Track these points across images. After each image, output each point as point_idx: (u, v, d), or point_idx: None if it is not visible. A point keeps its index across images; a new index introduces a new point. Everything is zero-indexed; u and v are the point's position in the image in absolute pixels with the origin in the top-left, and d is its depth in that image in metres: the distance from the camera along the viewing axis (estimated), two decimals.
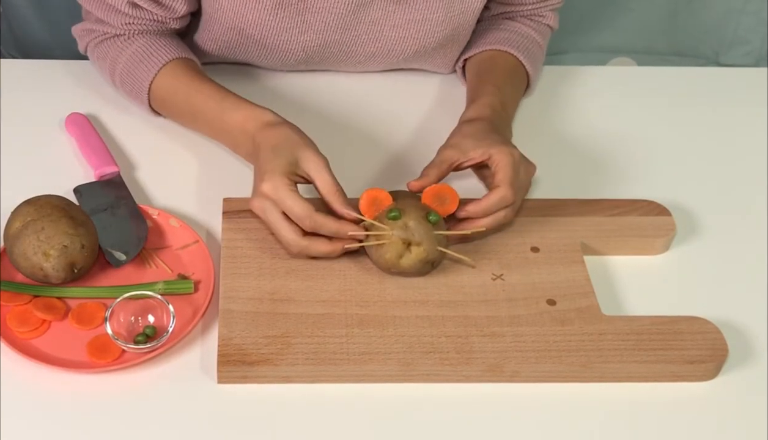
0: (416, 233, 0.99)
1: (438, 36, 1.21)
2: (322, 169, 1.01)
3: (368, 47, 1.22)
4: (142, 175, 1.15)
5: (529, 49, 1.24)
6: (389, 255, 1.00)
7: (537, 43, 1.26)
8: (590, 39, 1.72)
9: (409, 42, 1.21)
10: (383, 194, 1.02)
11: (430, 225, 1.00)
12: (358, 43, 1.22)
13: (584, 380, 0.96)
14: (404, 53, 1.23)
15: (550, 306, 1.00)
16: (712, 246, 1.11)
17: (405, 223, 0.99)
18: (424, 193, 1.03)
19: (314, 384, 0.94)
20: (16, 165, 1.14)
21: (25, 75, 1.28)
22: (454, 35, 1.22)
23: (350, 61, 1.25)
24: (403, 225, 0.99)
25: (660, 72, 1.39)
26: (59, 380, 0.93)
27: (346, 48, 1.22)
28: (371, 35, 1.21)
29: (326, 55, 1.24)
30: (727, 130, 1.28)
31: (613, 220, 1.09)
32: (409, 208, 1.01)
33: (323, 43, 1.20)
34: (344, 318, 0.98)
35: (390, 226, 1.00)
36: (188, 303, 0.99)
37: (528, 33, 1.26)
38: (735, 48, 1.73)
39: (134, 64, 1.16)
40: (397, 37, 1.21)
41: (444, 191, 1.03)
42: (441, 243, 1.01)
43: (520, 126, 1.23)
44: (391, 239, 0.99)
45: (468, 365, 0.95)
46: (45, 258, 0.96)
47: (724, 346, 0.97)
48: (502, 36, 1.25)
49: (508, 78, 1.22)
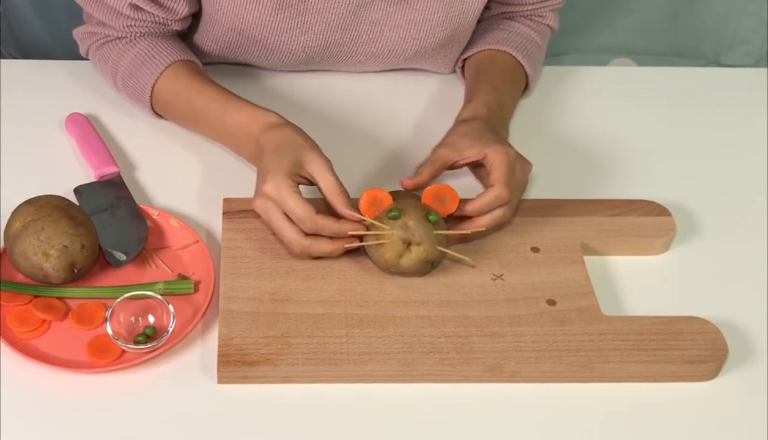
0: (416, 233, 0.99)
1: (438, 36, 1.21)
2: (325, 171, 1.01)
3: (369, 47, 1.22)
4: (142, 175, 1.15)
5: (527, 49, 1.24)
6: (389, 254, 1.00)
7: (536, 43, 1.26)
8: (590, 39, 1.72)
9: (410, 42, 1.21)
10: (383, 194, 1.02)
11: (430, 225, 1.00)
12: (358, 43, 1.22)
13: (584, 380, 0.96)
14: (405, 53, 1.23)
15: (550, 306, 1.00)
16: (712, 246, 1.11)
17: (405, 223, 1.00)
18: (424, 193, 1.03)
19: (314, 384, 0.94)
20: (17, 165, 1.14)
21: (25, 75, 1.28)
22: (455, 35, 1.22)
23: (351, 61, 1.25)
24: (403, 225, 0.99)
25: (660, 72, 1.39)
26: (59, 380, 0.93)
27: (347, 48, 1.22)
28: (372, 36, 1.21)
29: (327, 56, 1.24)
30: (727, 131, 1.28)
31: (613, 220, 1.09)
32: (409, 207, 1.01)
33: (324, 44, 1.20)
34: (344, 318, 0.98)
35: (390, 226, 1.00)
36: (188, 303, 0.99)
37: (527, 33, 1.26)
38: (735, 48, 1.73)
39: (136, 67, 1.16)
40: (398, 38, 1.21)
41: (444, 191, 1.03)
42: (441, 243, 1.01)
43: (521, 126, 1.23)
44: (391, 239, 0.99)
45: (468, 365, 0.95)
46: (45, 258, 0.96)
47: (724, 346, 0.97)
48: (501, 36, 1.25)
49: (505, 77, 1.22)
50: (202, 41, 1.24)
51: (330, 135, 1.13)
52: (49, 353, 0.94)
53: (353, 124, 1.24)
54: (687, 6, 1.68)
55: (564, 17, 1.33)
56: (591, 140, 1.24)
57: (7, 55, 1.56)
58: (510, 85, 1.22)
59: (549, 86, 1.32)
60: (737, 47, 1.73)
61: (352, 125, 1.24)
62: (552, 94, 1.31)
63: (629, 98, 1.32)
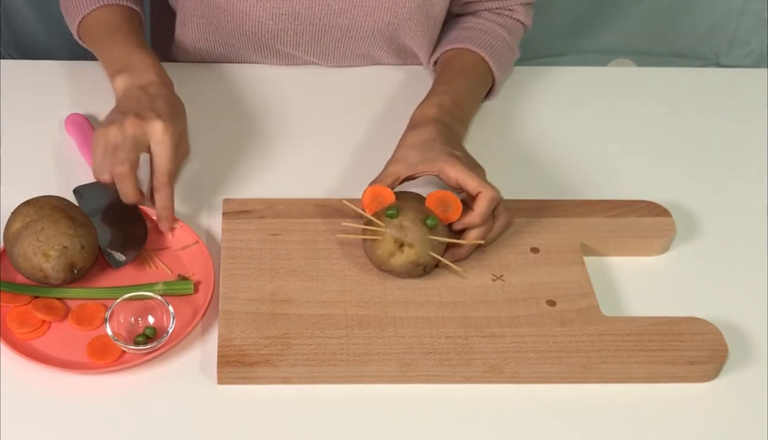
0: (410, 234, 0.99)
1: (409, 5, 1.21)
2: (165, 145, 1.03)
3: (341, 20, 1.22)
4: (142, 175, 1.15)
5: (492, 45, 1.24)
6: (380, 251, 1.00)
7: (502, 38, 1.25)
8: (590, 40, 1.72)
9: (381, 12, 1.21)
10: (387, 192, 1.03)
11: (426, 229, 1.00)
12: (329, 15, 1.21)
13: (584, 381, 0.96)
14: (378, 25, 1.23)
15: (550, 307, 1.00)
16: (712, 246, 1.11)
17: (400, 223, 0.99)
18: (429, 197, 1.03)
19: (314, 385, 0.94)
20: (16, 165, 1.14)
21: (25, 75, 1.28)
22: (427, 7, 1.22)
23: (327, 38, 1.25)
24: (398, 224, 0.99)
25: (660, 73, 1.39)
26: (59, 381, 0.93)
27: (318, 21, 1.22)
28: (341, 5, 1.21)
29: (301, 31, 1.23)
30: (727, 131, 1.28)
31: (613, 220, 1.09)
32: (409, 209, 1.01)
33: (292, 12, 1.20)
34: (344, 319, 0.98)
35: (386, 224, 1.00)
36: (188, 304, 0.99)
37: (492, 29, 1.25)
38: (735, 49, 1.74)
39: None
40: (369, 7, 1.21)
41: (448, 198, 1.02)
42: (436, 249, 1.00)
43: (519, 128, 1.24)
44: (384, 236, 0.99)
45: (468, 366, 0.95)
46: (45, 259, 0.96)
47: (724, 347, 0.97)
48: (464, 34, 1.25)
49: (464, 75, 1.21)
50: (182, 35, 1.25)
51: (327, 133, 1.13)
52: (48, 354, 0.94)
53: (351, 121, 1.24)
54: (686, 7, 1.69)
55: (563, 18, 1.34)
56: (591, 140, 1.24)
57: (6, 56, 1.56)
58: (468, 82, 1.21)
59: (548, 87, 1.32)
60: (736, 48, 1.74)
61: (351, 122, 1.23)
62: (551, 95, 1.31)
63: (629, 99, 1.32)
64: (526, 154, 1.08)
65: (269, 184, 1.14)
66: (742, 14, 1.69)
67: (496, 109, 1.28)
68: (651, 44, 1.73)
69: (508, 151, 1.21)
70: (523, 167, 1.19)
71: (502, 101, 1.29)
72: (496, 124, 1.25)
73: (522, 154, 1.21)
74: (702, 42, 1.73)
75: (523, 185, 1.15)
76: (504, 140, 1.23)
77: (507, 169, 1.16)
